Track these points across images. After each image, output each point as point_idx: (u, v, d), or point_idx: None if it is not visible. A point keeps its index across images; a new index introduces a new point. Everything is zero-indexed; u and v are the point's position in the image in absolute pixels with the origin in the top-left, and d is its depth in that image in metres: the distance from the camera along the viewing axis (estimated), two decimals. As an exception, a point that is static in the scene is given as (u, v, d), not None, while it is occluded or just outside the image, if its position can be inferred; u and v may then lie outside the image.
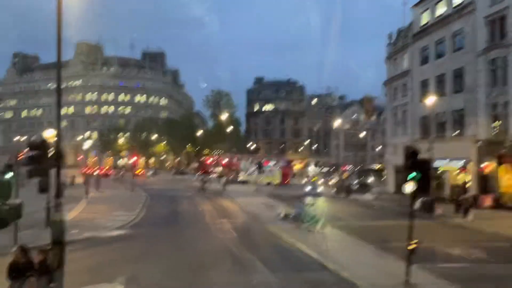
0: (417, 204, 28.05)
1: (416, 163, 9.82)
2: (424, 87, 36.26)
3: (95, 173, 56.80)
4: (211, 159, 50.49)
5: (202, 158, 53.95)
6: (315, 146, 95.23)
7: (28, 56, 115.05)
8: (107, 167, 67.29)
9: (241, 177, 52.39)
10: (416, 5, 37.80)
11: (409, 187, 9.82)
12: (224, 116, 58.02)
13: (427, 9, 36.20)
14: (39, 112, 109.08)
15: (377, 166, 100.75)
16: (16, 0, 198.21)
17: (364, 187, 46.83)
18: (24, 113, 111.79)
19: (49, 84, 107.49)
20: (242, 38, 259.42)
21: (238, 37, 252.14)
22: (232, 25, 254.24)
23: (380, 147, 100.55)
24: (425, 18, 36.46)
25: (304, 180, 54.50)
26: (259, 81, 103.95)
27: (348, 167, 70.67)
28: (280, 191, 41.62)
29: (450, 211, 24.66)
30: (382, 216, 25.15)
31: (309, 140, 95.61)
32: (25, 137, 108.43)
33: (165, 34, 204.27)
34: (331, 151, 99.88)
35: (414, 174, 9.62)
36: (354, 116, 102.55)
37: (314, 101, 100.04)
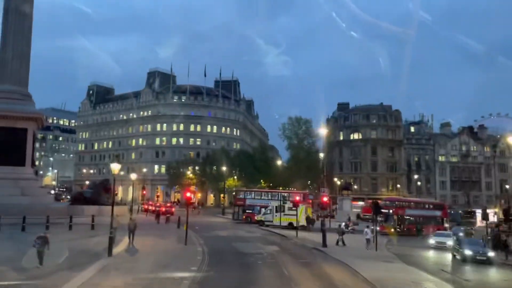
0: None
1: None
2: None
3: (155, 210, 46.91)
4: (299, 196, 37.19)
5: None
6: (418, 182, 77.90)
7: (103, 87, 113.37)
8: (169, 204, 57.26)
9: (259, 217, 41.42)
10: None
11: None
12: (322, 130, 44.19)
13: None
14: (109, 144, 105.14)
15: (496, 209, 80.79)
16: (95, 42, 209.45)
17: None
18: (95, 145, 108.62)
19: (121, 115, 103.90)
20: (313, 75, 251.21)
21: (309, 74, 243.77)
22: (303, 63, 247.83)
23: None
24: None
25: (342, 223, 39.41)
26: (343, 107, 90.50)
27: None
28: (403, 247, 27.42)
29: None
30: None
31: (416, 176, 78.83)
32: (93, 170, 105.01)
33: (237, 69, 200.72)
34: (435, 189, 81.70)
35: None
36: (463, 147, 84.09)
37: (412, 129, 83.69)
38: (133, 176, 33.01)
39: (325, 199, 25.12)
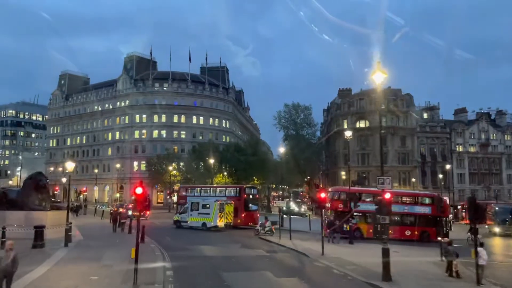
0: None
1: None
2: None
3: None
4: (324, 193, 25.26)
5: (313, 191, 28.71)
6: (440, 175, 67.70)
7: (76, 77, 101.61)
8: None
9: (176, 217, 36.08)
10: None
11: None
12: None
13: None
14: (83, 138, 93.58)
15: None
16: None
17: None
18: (68, 141, 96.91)
19: (96, 106, 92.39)
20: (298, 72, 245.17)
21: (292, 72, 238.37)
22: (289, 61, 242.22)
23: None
24: None
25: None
26: (345, 93, 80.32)
27: None
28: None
29: None
30: None
31: (448, 166, 68.58)
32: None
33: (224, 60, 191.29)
34: (453, 182, 71.85)
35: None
36: (482, 135, 74.54)
37: (426, 115, 73.78)
38: (70, 165, 22.50)
39: (387, 196, 14.43)
